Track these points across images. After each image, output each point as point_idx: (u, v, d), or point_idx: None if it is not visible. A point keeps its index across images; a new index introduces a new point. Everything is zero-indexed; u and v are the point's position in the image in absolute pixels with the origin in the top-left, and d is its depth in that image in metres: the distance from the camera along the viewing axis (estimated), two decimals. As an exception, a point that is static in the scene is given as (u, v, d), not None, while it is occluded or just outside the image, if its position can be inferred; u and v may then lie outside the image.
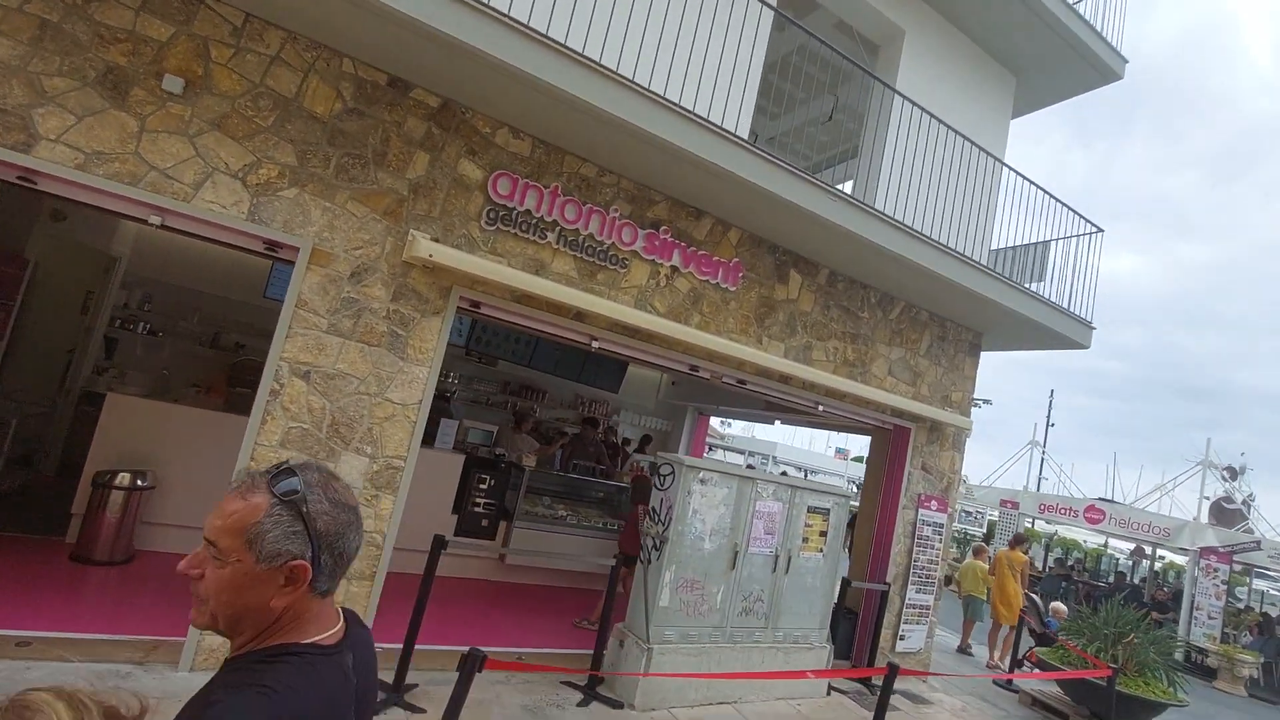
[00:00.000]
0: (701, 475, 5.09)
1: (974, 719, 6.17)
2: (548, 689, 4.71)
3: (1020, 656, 8.27)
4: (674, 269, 5.42)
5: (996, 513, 14.72)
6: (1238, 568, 11.54)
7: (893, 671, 4.37)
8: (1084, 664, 6.48)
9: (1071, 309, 7.07)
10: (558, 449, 8.17)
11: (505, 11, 3.87)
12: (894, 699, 6.12)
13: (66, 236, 6.59)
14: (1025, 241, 7.67)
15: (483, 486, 6.62)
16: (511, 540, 6.67)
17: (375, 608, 4.33)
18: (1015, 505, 14.26)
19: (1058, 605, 9.02)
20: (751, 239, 5.84)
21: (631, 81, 4.31)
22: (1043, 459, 19.27)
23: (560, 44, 4.05)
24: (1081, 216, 7.28)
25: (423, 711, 4.01)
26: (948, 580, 9.85)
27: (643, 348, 5.39)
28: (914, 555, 6.89)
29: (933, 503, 7.04)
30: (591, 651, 4.89)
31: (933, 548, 7.04)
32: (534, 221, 4.81)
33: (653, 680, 4.77)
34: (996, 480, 17.56)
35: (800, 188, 5.09)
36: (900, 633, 6.81)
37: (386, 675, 4.12)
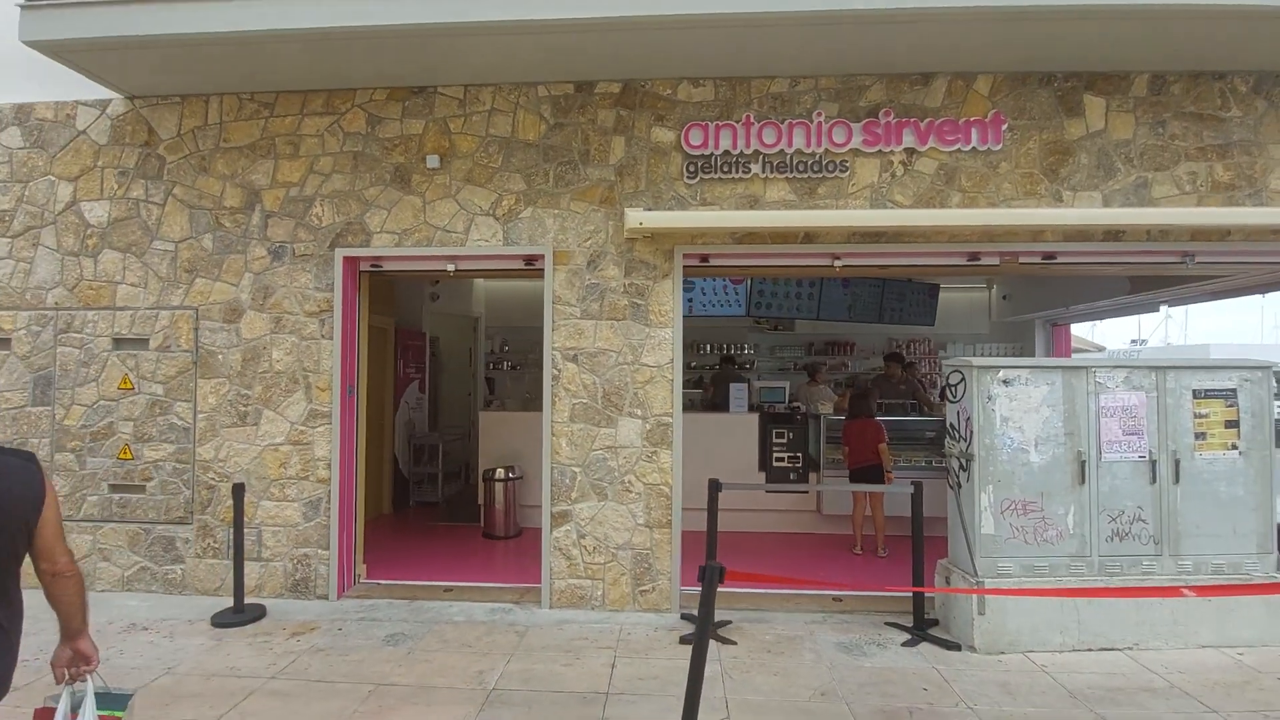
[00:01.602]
0: (1003, 375, 4.20)
1: None
2: (869, 629, 4.43)
3: None
4: (909, 151, 4.66)
5: None
6: None
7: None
8: None
9: None
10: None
11: None
12: None
13: (444, 310, 8.90)
14: None
15: (781, 440, 6.60)
16: (821, 489, 6.47)
17: (679, 551, 4.70)
18: None
19: None
20: (1011, 79, 4.65)
21: None
22: None
23: None
24: None
25: (734, 644, 4.18)
26: None
27: (897, 250, 4.75)
28: None
29: None
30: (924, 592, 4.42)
31: None
32: (734, 159, 4.72)
33: (995, 620, 4.07)
34: None
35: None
36: None
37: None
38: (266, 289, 4.99)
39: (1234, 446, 4.23)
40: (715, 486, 4.42)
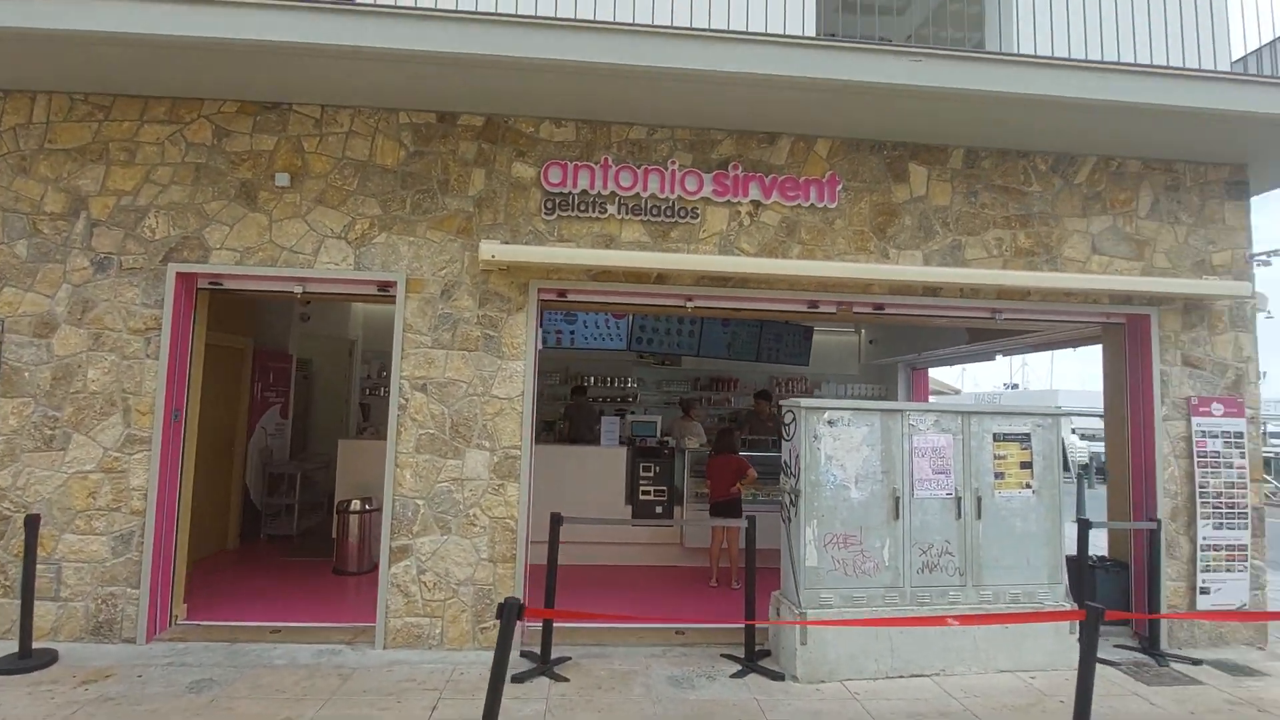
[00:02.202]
0: (828, 415, 4.49)
1: (1348, 696, 4.26)
2: (705, 661, 4.52)
3: None
4: (755, 204, 4.97)
5: None
6: None
7: (1149, 642, 3.26)
8: None
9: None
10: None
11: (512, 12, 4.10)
12: (1199, 671, 4.60)
13: (316, 332, 8.51)
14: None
15: (648, 474, 6.71)
16: (684, 523, 6.61)
17: (522, 587, 4.63)
18: None
19: None
20: (846, 145, 5.08)
21: (651, 26, 4.20)
22: None
23: (576, 20, 4.16)
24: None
25: (566, 680, 4.14)
26: None
27: (743, 294, 5.01)
28: (1199, 480, 5.10)
29: (1215, 406, 5.16)
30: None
31: (1231, 466, 5.13)
32: (591, 199, 4.86)
33: (816, 649, 4.27)
34: None
35: (893, 64, 4.29)
36: (1201, 584, 5.05)
37: (535, 648, 4.38)
38: (86, 302, 4.61)
39: (1028, 485, 4.70)
40: (556, 521, 4.42)
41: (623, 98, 4.60)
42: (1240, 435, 5.16)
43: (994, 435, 4.67)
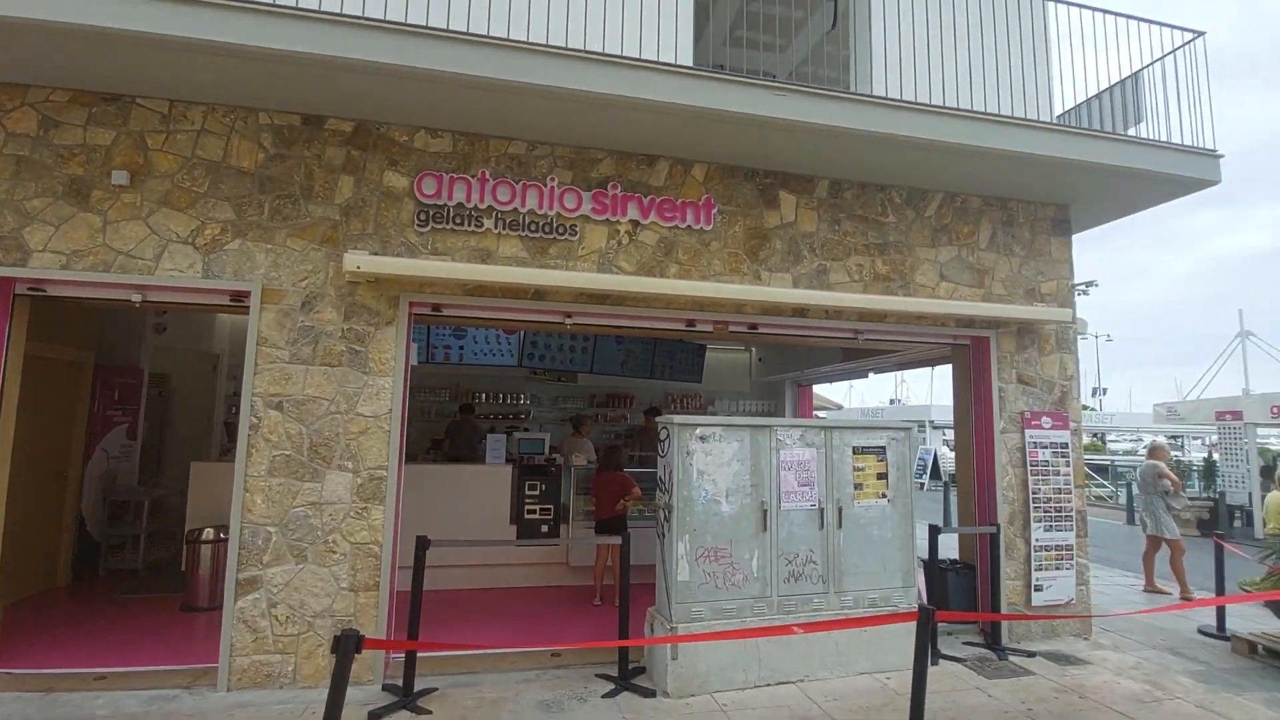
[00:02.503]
0: (699, 431, 4.60)
1: (1145, 678, 4.80)
2: (579, 683, 4.45)
3: None
4: (634, 223, 5.06)
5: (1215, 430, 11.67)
6: None
7: (992, 638, 3.52)
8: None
9: (1182, 142, 5.52)
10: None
11: (398, 19, 3.98)
12: (1033, 663, 5.02)
13: (175, 345, 7.81)
14: (1104, 86, 6.20)
15: (534, 493, 6.60)
16: (570, 541, 6.55)
17: (386, 616, 4.40)
18: (1238, 415, 11.22)
19: None
20: (722, 170, 5.30)
21: (525, 43, 4.21)
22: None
23: (459, 33, 4.10)
24: (1169, 26, 5.72)
25: (429, 713, 3.96)
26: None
27: (621, 313, 5.07)
28: (1033, 486, 5.63)
29: (1044, 419, 5.74)
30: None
31: (1059, 474, 5.71)
32: (468, 212, 4.77)
33: (687, 663, 4.32)
34: (1205, 392, 14.07)
35: (758, 96, 4.53)
36: (1035, 582, 5.56)
37: (400, 680, 4.16)
38: None
39: (884, 495, 5.01)
40: (422, 545, 4.24)
41: (502, 112, 4.57)
42: (1066, 445, 5.76)
43: (854, 448, 4.95)
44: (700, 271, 5.16)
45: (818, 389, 11.88)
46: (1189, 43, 5.68)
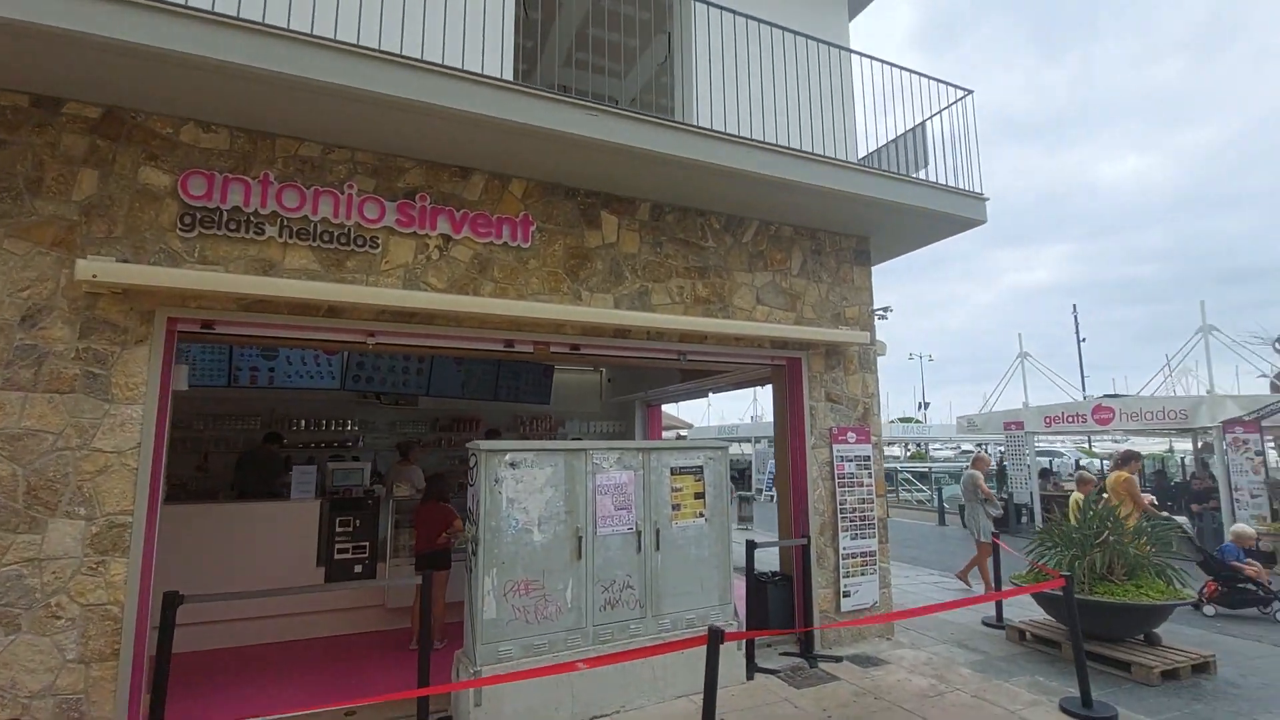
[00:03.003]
0: (509, 457, 4.39)
1: (933, 673, 5.21)
2: (372, 742, 4.01)
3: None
4: (445, 238, 4.79)
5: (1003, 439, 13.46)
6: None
7: (806, 646, 3.56)
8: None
9: (961, 186, 6.23)
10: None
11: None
12: (840, 668, 5.25)
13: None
14: (899, 133, 6.88)
15: (345, 529, 6.00)
16: (386, 581, 6.02)
17: (127, 691, 3.70)
18: (1020, 425, 12.99)
19: (1241, 529, 7.62)
20: (542, 187, 5.18)
21: (309, 36, 3.83)
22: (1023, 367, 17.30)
23: (228, 17, 3.63)
24: (945, 83, 6.46)
25: (171, 804, 3.34)
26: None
27: (432, 332, 4.75)
28: (840, 498, 6.00)
29: (850, 435, 6.15)
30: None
31: (862, 485, 6.13)
32: (246, 218, 4.25)
33: (491, 709, 4.03)
34: (995, 406, 16.28)
35: (567, 114, 4.46)
36: (843, 589, 5.90)
37: (136, 768, 3.49)
38: None
39: (701, 514, 5.06)
40: (170, 602, 3.60)
41: (290, 110, 4.14)
42: (868, 458, 6.20)
43: (671, 469, 4.97)
44: (518, 290, 4.98)
45: (671, 409, 12.10)
46: (959, 100, 6.45)
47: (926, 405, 41.91)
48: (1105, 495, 7.16)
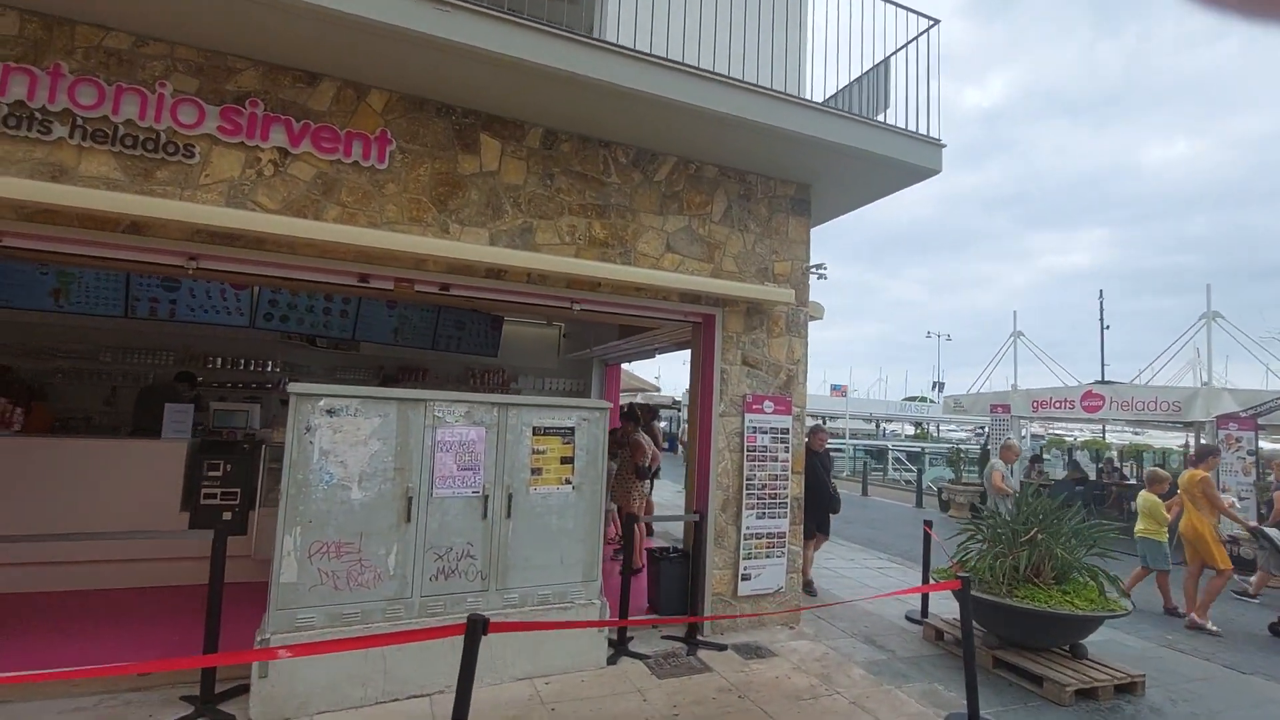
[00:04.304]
0: (325, 403, 3.86)
1: (821, 671, 4.66)
2: (153, 708, 3.62)
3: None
4: (281, 151, 4.19)
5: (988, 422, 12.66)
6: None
7: (690, 630, 3.03)
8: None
9: (919, 130, 5.43)
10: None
11: None
12: (719, 657, 4.75)
13: None
14: (862, 73, 6.05)
15: (215, 474, 5.60)
16: (255, 532, 5.63)
17: None
18: (1006, 409, 12.16)
19: None
20: (408, 101, 4.53)
21: None
22: (1015, 349, 16.21)
23: None
24: (907, 9, 5.59)
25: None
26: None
27: (262, 258, 4.20)
28: (748, 473, 5.41)
29: (766, 404, 5.52)
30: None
31: (776, 460, 5.52)
32: (30, 115, 3.70)
33: (282, 682, 3.61)
34: (984, 386, 15.38)
35: (407, 6, 3.78)
36: (743, 571, 5.36)
37: None
38: None
39: (568, 481, 4.52)
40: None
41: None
42: (786, 431, 5.58)
43: (534, 429, 4.42)
44: (370, 217, 4.38)
45: (634, 369, 11.52)
46: (924, 32, 5.59)
47: (941, 385, 40.64)
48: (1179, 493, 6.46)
